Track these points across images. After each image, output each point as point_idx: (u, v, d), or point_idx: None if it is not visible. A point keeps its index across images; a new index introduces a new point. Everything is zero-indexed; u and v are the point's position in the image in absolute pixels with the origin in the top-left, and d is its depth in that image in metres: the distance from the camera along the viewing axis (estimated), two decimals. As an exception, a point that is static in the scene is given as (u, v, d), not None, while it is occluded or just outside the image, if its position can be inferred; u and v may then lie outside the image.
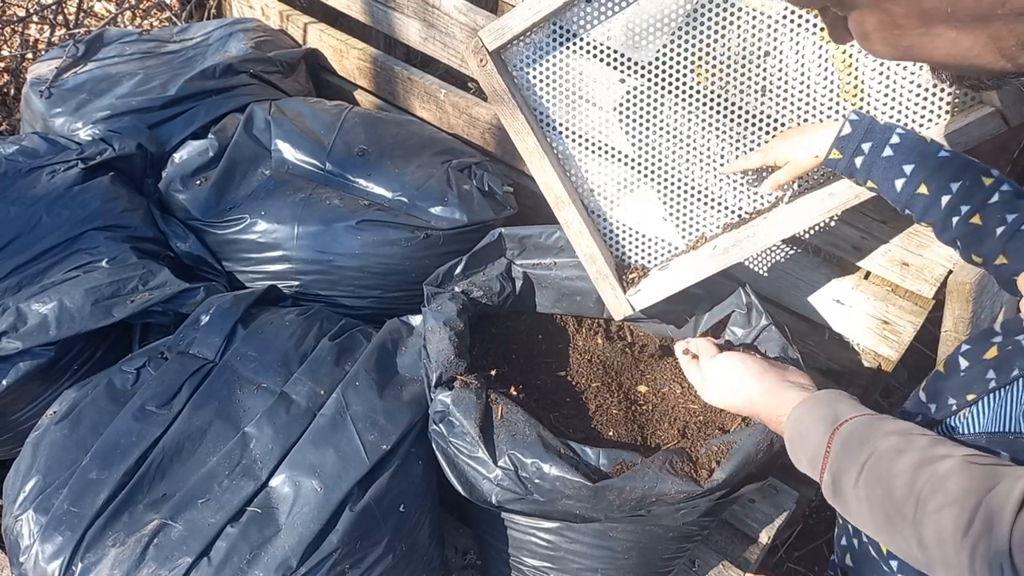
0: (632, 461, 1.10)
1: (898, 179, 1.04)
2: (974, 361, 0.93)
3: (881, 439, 0.82)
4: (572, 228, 1.33)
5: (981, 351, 0.93)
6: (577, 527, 1.18)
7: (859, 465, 0.82)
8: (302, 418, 1.23)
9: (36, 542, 1.11)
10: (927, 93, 1.11)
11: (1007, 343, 0.91)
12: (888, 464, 0.80)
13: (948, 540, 0.71)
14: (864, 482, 0.81)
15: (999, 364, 0.90)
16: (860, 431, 0.85)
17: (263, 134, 1.72)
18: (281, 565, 1.08)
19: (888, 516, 0.78)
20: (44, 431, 1.23)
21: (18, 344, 1.33)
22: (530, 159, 1.31)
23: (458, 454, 1.15)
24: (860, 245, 1.44)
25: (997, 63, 0.46)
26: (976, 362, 0.93)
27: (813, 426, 0.90)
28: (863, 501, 0.81)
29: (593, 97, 1.30)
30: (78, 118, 1.74)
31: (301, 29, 2.10)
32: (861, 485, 0.81)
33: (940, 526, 0.72)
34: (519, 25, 1.22)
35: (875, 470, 0.80)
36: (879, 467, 0.80)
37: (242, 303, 1.42)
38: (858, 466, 0.82)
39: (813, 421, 0.91)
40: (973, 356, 0.94)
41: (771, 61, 1.17)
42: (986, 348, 0.92)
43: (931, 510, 0.73)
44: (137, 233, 1.56)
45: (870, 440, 0.83)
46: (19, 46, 2.64)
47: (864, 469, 0.81)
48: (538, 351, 1.43)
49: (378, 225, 1.55)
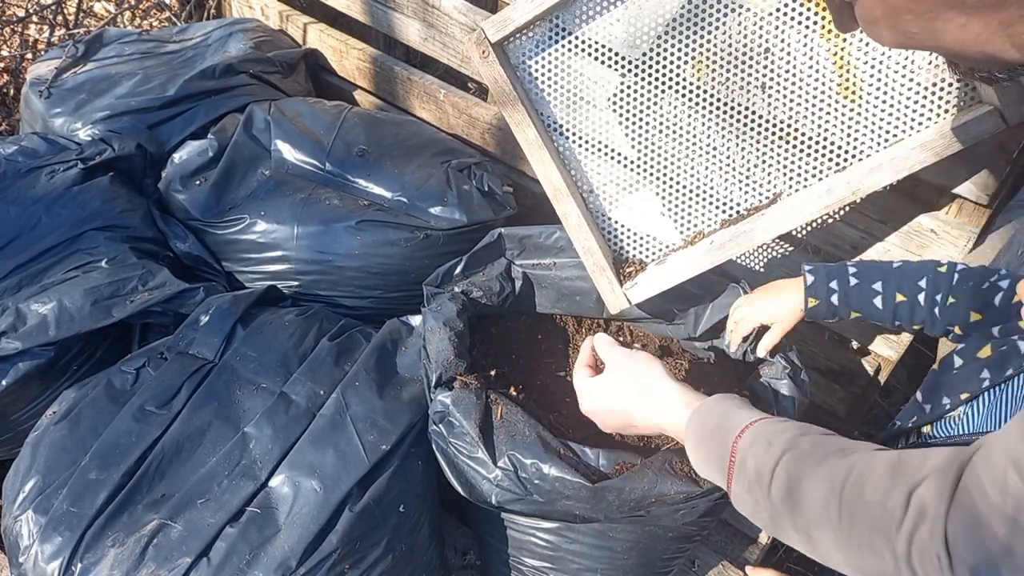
0: (632, 462, 1.10)
1: (875, 298, 1.13)
2: (968, 359, 0.93)
3: (786, 443, 0.77)
4: (570, 221, 1.33)
5: (975, 349, 0.93)
6: (577, 527, 1.18)
7: (773, 464, 0.77)
8: (302, 418, 1.23)
9: (35, 542, 1.11)
10: (925, 92, 1.11)
11: (1001, 343, 0.91)
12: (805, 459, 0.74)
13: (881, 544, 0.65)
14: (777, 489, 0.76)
15: (993, 363, 0.90)
16: (765, 435, 0.80)
17: (263, 134, 1.72)
18: (281, 565, 1.08)
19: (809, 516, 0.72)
20: (44, 431, 1.23)
21: (18, 344, 1.33)
22: (529, 150, 1.32)
23: (458, 454, 1.15)
24: (860, 245, 1.44)
25: (1007, 51, 0.46)
26: (970, 360, 0.93)
27: (714, 434, 0.86)
28: (778, 504, 0.75)
29: (593, 94, 1.30)
30: (78, 118, 1.74)
31: (301, 29, 2.10)
32: (774, 492, 0.76)
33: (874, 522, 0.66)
34: (521, 17, 1.23)
35: (792, 467, 0.75)
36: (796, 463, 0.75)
37: (242, 303, 1.42)
38: (771, 465, 0.77)
39: (711, 431, 0.87)
40: (967, 354, 0.94)
41: (772, 58, 1.17)
42: (980, 346, 0.93)
43: (858, 512, 0.67)
44: (136, 233, 1.56)
45: (776, 444, 0.78)
46: (19, 46, 2.65)
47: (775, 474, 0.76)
48: (538, 351, 1.43)
49: (378, 225, 1.55)
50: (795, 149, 1.21)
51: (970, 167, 1.26)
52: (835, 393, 1.69)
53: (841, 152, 1.18)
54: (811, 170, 1.21)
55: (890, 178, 1.14)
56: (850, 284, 1.14)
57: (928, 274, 1.10)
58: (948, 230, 1.35)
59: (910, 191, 1.38)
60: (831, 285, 1.15)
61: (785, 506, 0.74)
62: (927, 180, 1.31)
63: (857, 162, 1.17)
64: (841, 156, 1.18)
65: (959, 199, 1.34)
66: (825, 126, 1.19)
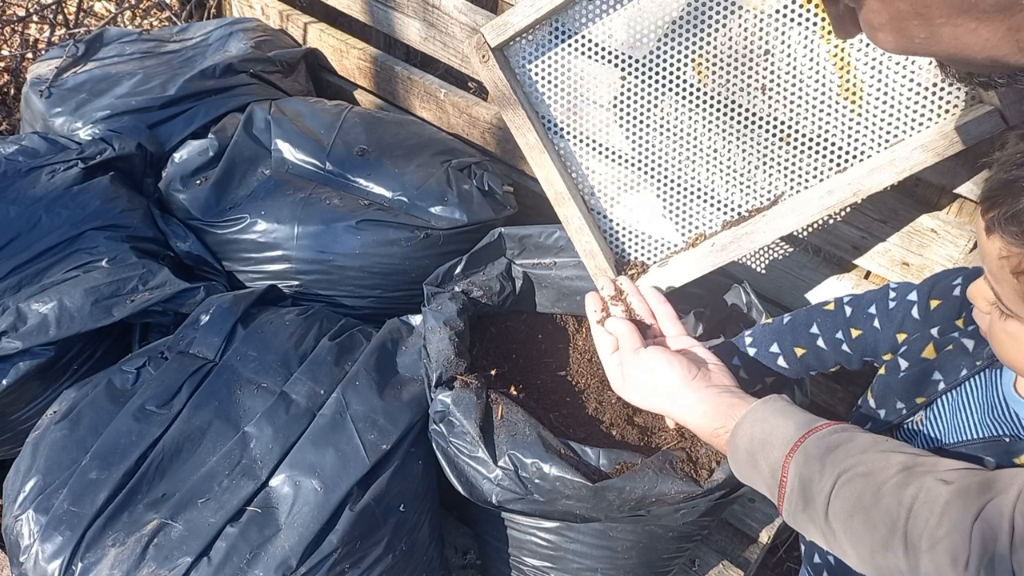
0: (632, 461, 1.10)
1: (777, 359, 1.10)
2: (914, 360, 0.92)
3: (853, 457, 0.75)
4: (572, 224, 1.33)
5: (919, 350, 0.91)
6: (577, 527, 1.18)
7: (829, 487, 0.74)
8: (302, 418, 1.23)
9: (36, 542, 1.11)
10: (925, 92, 1.11)
11: (945, 342, 0.89)
12: (865, 488, 0.72)
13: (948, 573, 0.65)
14: (838, 509, 0.74)
15: (943, 364, 0.88)
16: (826, 446, 0.77)
17: (263, 134, 1.72)
18: (281, 565, 1.08)
19: (872, 545, 0.71)
20: (44, 431, 1.23)
21: (18, 344, 1.33)
22: (530, 154, 1.32)
23: (458, 454, 1.15)
24: (860, 245, 1.44)
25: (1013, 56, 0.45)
26: (916, 362, 0.91)
27: (767, 442, 0.82)
28: (838, 529, 0.74)
29: (594, 96, 1.30)
30: (78, 118, 1.74)
31: (301, 29, 2.10)
32: (833, 512, 0.74)
33: (938, 563, 0.66)
34: (521, 21, 1.23)
35: (851, 494, 0.73)
36: (855, 490, 0.73)
37: (242, 303, 1.42)
38: (828, 489, 0.74)
39: (766, 436, 0.82)
40: (911, 355, 0.93)
41: (773, 59, 1.17)
42: (923, 347, 0.91)
43: (924, 549, 0.67)
44: (137, 233, 1.56)
45: (840, 457, 0.75)
46: (19, 46, 2.64)
47: (835, 492, 0.74)
48: (538, 351, 1.43)
49: (378, 225, 1.55)
50: (796, 150, 1.21)
51: (971, 167, 1.26)
52: (835, 393, 1.69)
53: (842, 153, 1.17)
54: (812, 171, 1.21)
55: (891, 179, 1.14)
56: (750, 355, 1.12)
57: (816, 318, 1.08)
58: (949, 229, 1.35)
59: (911, 191, 1.38)
60: (734, 361, 1.12)
61: (846, 535, 0.73)
62: (928, 180, 1.31)
63: (858, 163, 1.17)
64: (842, 157, 1.18)
65: (960, 199, 1.34)
66: (826, 127, 1.19)
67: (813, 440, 0.79)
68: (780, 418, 0.84)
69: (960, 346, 0.87)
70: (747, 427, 0.85)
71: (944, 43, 0.46)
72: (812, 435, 0.80)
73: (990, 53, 0.45)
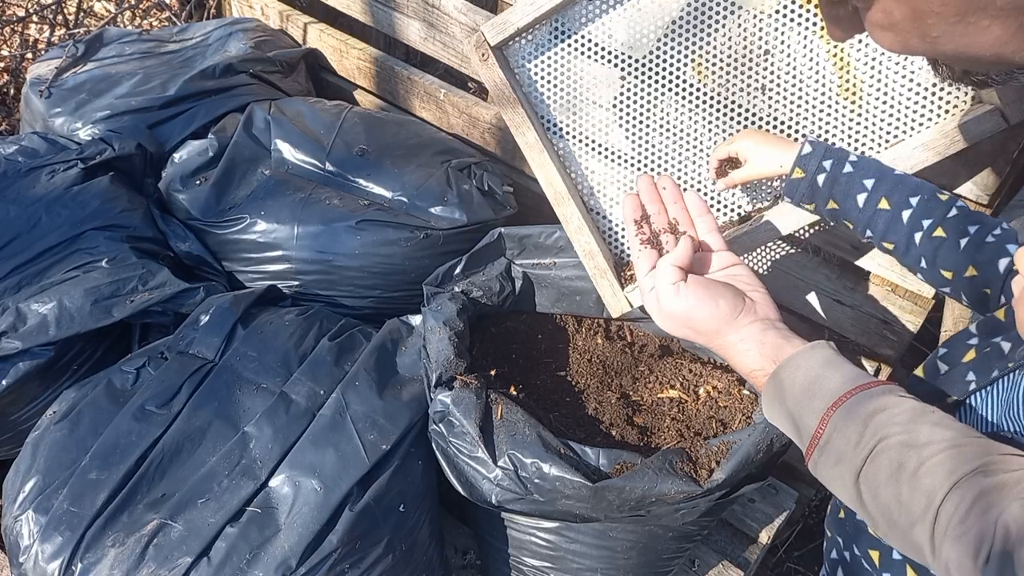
0: (632, 461, 1.10)
1: (860, 194, 1.03)
2: (953, 364, 0.90)
3: (898, 424, 0.72)
4: (571, 224, 1.33)
5: (960, 355, 0.90)
6: (577, 527, 1.18)
7: (867, 451, 0.71)
8: (302, 418, 1.23)
9: (36, 542, 1.11)
10: (926, 92, 1.11)
11: (984, 344, 0.88)
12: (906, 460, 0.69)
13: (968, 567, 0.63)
14: (871, 474, 0.72)
15: (978, 366, 0.87)
16: (873, 407, 0.73)
17: (263, 134, 1.72)
18: (281, 565, 1.08)
19: (902, 519, 0.69)
20: (44, 431, 1.23)
21: (18, 344, 1.33)
22: (530, 154, 1.32)
23: (458, 454, 1.15)
24: (860, 245, 1.44)
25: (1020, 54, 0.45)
26: (955, 365, 0.90)
27: (811, 390, 0.78)
28: (866, 493, 0.72)
29: (593, 96, 1.30)
30: (78, 118, 1.74)
31: (301, 29, 2.10)
32: (865, 477, 0.72)
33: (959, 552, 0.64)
34: (521, 20, 1.23)
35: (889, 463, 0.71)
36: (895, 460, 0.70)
37: (242, 303, 1.42)
38: (865, 453, 0.72)
39: (809, 383, 0.78)
40: (952, 359, 0.91)
41: (772, 59, 1.17)
42: (964, 351, 0.90)
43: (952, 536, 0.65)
44: (137, 233, 1.56)
45: (884, 422, 0.72)
46: (19, 46, 2.65)
47: (872, 457, 0.71)
48: (538, 351, 1.43)
49: (378, 225, 1.55)
50: (796, 149, 1.20)
51: (971, 167, 1.26)
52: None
53: (841, 152, 1.17)
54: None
55: (891, 178, 1.14)
56: (843, 171, 1.04)
57: (924, 194, 1.01)
58: (948, 230, 1.35)
59: (910, 191, 1.37)
60: (824, 163, 1.05)
61: (874, 501, 0.71)
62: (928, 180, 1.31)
63: (857, 162, 1.17)
64: (841, 156, 1.18)
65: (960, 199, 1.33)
66: (826, 127, 1.19)
67: (859, 398, 0.75)
68: (827, 368, 0.79)
69: (997, 348, 0.84)
70: (790, 372, 0.81)
71: (954, 41, 0.46)
72: (859, 392, 0.76)
73: (999, 51, 0.45)
